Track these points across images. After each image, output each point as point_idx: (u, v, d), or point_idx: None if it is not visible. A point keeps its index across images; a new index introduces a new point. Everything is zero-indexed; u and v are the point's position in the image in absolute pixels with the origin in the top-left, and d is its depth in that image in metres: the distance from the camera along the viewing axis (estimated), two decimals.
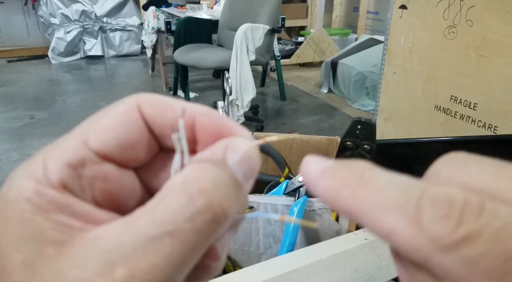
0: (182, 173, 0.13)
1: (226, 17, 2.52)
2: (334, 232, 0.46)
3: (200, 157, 0.14)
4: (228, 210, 0.12)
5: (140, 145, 0.14)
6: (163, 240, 0.11)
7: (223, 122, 0.15)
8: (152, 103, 0.15)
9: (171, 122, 0.14)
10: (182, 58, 2.30)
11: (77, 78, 3.47)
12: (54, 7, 3.80)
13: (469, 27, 1.32)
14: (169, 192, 0.12)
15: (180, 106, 0.15)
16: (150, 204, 0.12)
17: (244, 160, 0.14)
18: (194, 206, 0.12)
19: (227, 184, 0.13)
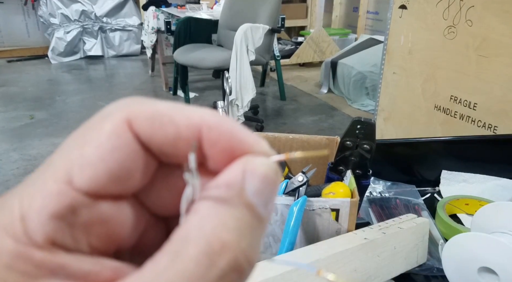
0: (196, 219, 0.10)
1: (226, 17, 2.52)
2: (334, 232, 0.46)
3: (214, 191, 0.11)
4: (255, 258, 0.11)
5: (137, 171, 0.12)
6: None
7: (235, 136, 0.12)
8: (147, 118, 0.12)
9: (173, 140, 0.12)
10: (182, 58, 2.30)
11: (77, 78, 3.47)
12: (54, 7, 3.80)
13: (469, 27, 1.32)
14: (184, 248, 0.10)
15: (182, 118, 0.12)
16: (163, 262, 0.10)
17: (265, 185, 0.11)
18: (217, 268, 0.10)
19: (250, 226, 0.11)
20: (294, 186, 0.46)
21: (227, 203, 0.11)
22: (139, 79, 3.43)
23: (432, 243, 0.56)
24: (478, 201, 0.64)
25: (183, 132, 0.12)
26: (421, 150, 0.74)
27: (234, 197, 0.11)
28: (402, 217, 0.52)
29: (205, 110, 0.12)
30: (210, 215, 0.10)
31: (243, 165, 0.11)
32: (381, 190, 0.70)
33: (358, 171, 0.52)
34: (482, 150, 0.74)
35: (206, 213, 0.11)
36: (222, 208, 0.11)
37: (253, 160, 0.12)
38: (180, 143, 0.12)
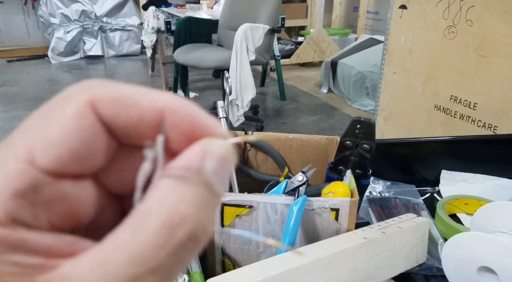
0: (157, 195, 0.11)
1: (226, 17, 2.52)
2: (334, 231, 0.46)
3: (175, 170, 0.12)
4: (209, 229, 0.12)
5: (99, 151, 0.12)
6: (145, 279, 0.10)
7: (196, 120, 0.13)
8: (110, 100, 0.12)
9: (136, 122, 0.12)
10: (182, 58, 2.30)
11: (77, 78, 3.47)
12: (53, 7, 3.80)
13: (469, 27, 1.32)
14: (146, 221, 0.11)
15: (145, 101, 0.12)
16: (125, 235, 0.11)
17: (221, 166, 0.12)
18: (177, 239, 0.11)
19: (207, 201, 0.12)
20: (294, 186, 0.47)
21: (187, 181, 0.11)
22: (139, 79, 3.43)
23: (432, 242, 0.56)
24: (478, 200, 0.64)
25: (146, 115, 0.12)
26: (421, 150, 0.74)
27: (193, 176, 0.12)
28: (401, 217, 0.52)
29: (168, 94, 0.13)
30: (170, 191, 0.11)
31: (203, 146, 0.12)
32: (381, 190, 0.70)
33: (357, 170, 0.52)
34: (482, 150, 0.74)
35: (167, 189, 0.11)
36: (182, 185, 0.11)
37: (211, 142, 0.12)
38: (143, 125, 0.12)
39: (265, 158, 0.63)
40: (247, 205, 0.45)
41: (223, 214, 0.46)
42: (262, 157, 0.63)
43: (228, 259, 0.49)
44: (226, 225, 0.46)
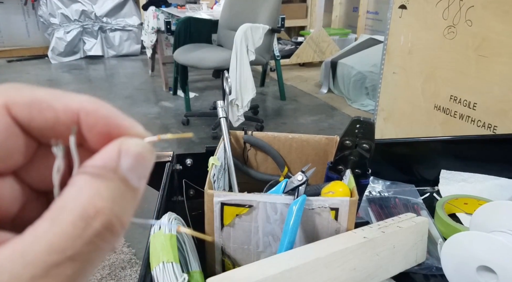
0: (73, 190, 0.12)
1: (226, 17, 2.52)
2: (333, 231, 0.46)
3: (90, 168, 0.12)
4: (126, 220, 0.13)
5: (17, 151, 0.13)
6: (64, 265, 0.11)
7: (112, 121, 0.13)
8: (25, 104, 0.13)
9: (52, 124, 0.13)
10: (182, 58, 2.30)
11: (77, 78, 3.47)
12: (53, 7, 3.80)
13: (468, 27, 1.32)
14: (62, 214, 0.12)
15: (60, 104, 0.13)
16: (43, 227, 0.11)
17: (138, 163, 0.13)
18: (93, 229, 0.12)
19: (123, 195, 0.13)
20: (294, 185, 0.47)
21: (102, 177, 0.12)
22: (139, 79, 3.43)
23: (431, 242, 0.56)
24: (477, 200, 0.64)
25: (62, 117, 0.13)
26: (420, 149, 0.74)
27: (108, 172, 0.12)
28: (401, 216, 0.52)
29: (83, 96, 0.14)
30: (86, 187, 0.12)
31: (119, 145, 0.13)
32: (381, 190, 0.70)
33: (357, 170, 0.52)
34: (481, 150, 0.74)
35: (83, 185, 0.12)
36: (97, 181, 0.12)
37: (128, 141, 0.13)
38: (59, 127, 0.13)
39: (264, 158, 0.63)
40: (246, 205, 0.45)
41: (223, 213, 0.46)
42: (262, 157, 0.63)
43: (228, 259, 0.49)
44: (226, 224, 0.47)
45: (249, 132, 0.62)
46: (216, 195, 0.45)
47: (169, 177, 0.55)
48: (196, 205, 0.62)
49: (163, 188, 0.51)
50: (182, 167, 0.63)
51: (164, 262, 0.37)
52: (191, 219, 0.52)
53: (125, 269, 1.29)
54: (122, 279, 1.26)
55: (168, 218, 0.43)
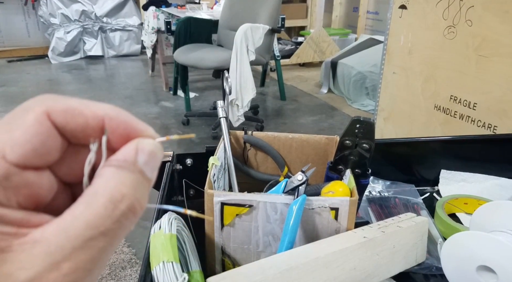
0: (102, 179, 0.15)
1: (226, 17, 2.52)
2: (333, 231, 0.46)
3: (115, 162, 0.16)
4: (144, 204, 0.16)
5: (54, 149, 0.16)
6: (97, 239, 0.14)
7: (130, 125, 0.17)
8: (62, 111, 0.16)
9: (82, 127, 0.16)
10: (182, 58, 2.30)
11: (77, 78, 3.48)
12: (54, 7, 3.80)
13: (468, 27, 1.32)
14: (95, 198, 0.15)
15: (89, 111, 0.16)
16: (79, 209, 0.14)
17: (151, 158, 0.16)
18: (120, 210, 0.15)
19: (141, 184, 0.16)
20: (294, 185, 0.47)
21: (125, 169, 0.15)
22: (139, 79, 3.43)
23: (431, 242, 0.56)
24: (477, 200, 0.64)
25: (90, 122, 0.16)
26: (420, 149, 0.74)
27: (129, 166, 0.16)
28: (401, 216, 0.52)
29: (107, 105, 0.17)
30: (113, 177, 0.15)
31: (136, 144, 0.16)
32: (381, 189, 0.70)
33: (357, 170, 0.52)
34: (481, 150, 0.74)
35: (110, 175, 0.15)
36: (121, 172, 0.15)
37: (143, 141, 0.17)
38: (88, 129, 0.16)
39: (264, 158, 0.63)
40: (247, 205, 0.45)
41: (223, 213, 0.46)
42: (262, 157, 0.63)
43: (228, 258, 0.49)
44: (226, 224, 0.47)
45: (249, 132, 0.62)
46: (216, 195, 0.45)
47: (169, 177, 0.55)
48: (196, 205, 0.62)
49: (163, 188, 0.51)
50: (182, 167, 0.63)
51: (164, 262, 0.37)
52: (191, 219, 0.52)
53: (125, 269, 1.29)
54: (122, 279, 1.26)
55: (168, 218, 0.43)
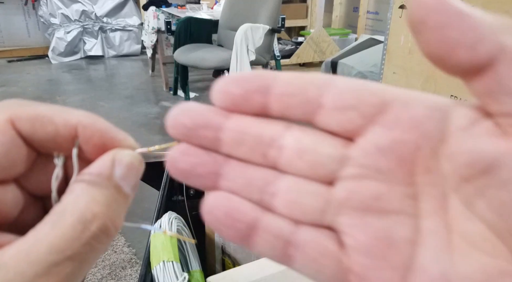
0: (72, 196, 0.13)
1: (226, 17, 2.52)
2: None
3: (88, 176, 0.14)
4: (119, 224, 0.14)
5: (19, 160, 0.14)
6: (63, 264, 0.12)
7: (107, 134, 0.15)
8: (29, 118, 0.14)
9: (52, 136, 0.14)
10: (182, 58, 2.30)
11: (77, 78, 3.48)
12: (54, 7, 3.80)
13: None
14: (62, 218, 0.13)
15: (60, 119, 0.14)
16: (44, 229, 0.13)
17: (129, 171, 0.15)
18: (90, 231, 0.13)
19: (116, 201, 0.14)
20: None
21: (98, 185, 0.14)
22: (140, 79, 3.43)
23: None
24: None
25: (61, 131, 0.14)
26: None
27: (103, 180, 0.14)
28: None
29: (81, 112, 0.15)
30: (83, 194, 0.13)
31: (113, 155, 0.15)
32: None
33: None
34: None
35: (80, 192, 0.13)
36: (93, 188, 0.14)
37: (120, 152, 0.15)
38: (59, 139, 0.15)
39: None
40: None
41: None
42: None
43: (228, 258, 0.49)
44: None
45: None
46: None
47: (169, 177, 0.55)
48: (196, 205, 0.62)
49: (163, 188, 0.51)
50: None
51: (165, 261, 0.37)
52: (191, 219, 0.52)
53: (126, 269, 1.29)
54: (123, 278, 1.26)
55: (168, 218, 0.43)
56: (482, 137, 0.12)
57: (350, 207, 0.13)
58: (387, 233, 0.13)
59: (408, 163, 0.13)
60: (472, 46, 0.11)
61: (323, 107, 0.14)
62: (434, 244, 0.12)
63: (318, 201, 0.14)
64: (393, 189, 0.13)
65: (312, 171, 0.14)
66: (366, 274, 0.13)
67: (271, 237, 0.14)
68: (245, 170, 0.15)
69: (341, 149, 0.14)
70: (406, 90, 0.14)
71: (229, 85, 0.14)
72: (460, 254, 0.12)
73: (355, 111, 0.13)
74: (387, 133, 0.13)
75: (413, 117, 0.13)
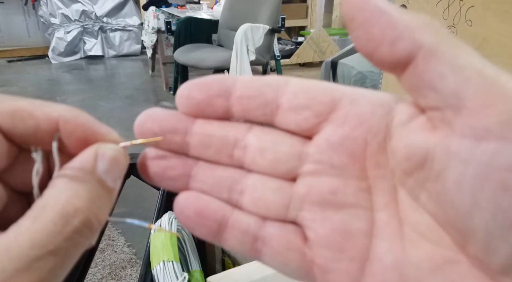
0: (53, 191, 0.13)
1: (226, 17, 2.52)
2: None
3: (70, 170, 0.14)
4: (103, 218, 0.14)
5: (0, 156, 0.14)
6: (45, 259, 0.12)
7: (89, 128, 0.15)
8: (8, 113, 0.14)
9: (33, 131, 0.14)
10: (182, 58, 2.30)
11: (77, 78, 3.48)
12: (54, 7, 3.80)
13: (468, 27, 1.32)
14: (43, 212, 0.13)
15: (41, 113, 0.14)
16: (25, 224, 0.12)
17: (113, 165, 0.14)
18: (72, 226, 0.13)
19: (100, 195, 0.14)
20: None
21: (80, 179, 0.13)
22: (140, 79, 3.43)
23: None
24: None
25: (42, 125, 0.14)
26: None
27: (86, 174, 0.14)
28: None
29: (63, 106, 0.15)
30: (65, 188, 0.13)
31: (95, 149, 0.14)
32: None
33: None
34: None
35: (62, 186, 0.13)
36: (75, 183, 0.13)
37: (103, 146, 0.15)
38: (40, 134, 0.14)
39: None
40: None
41: None
42: None
43: (228, 258, 0.49)
44: None
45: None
46: None
47: None
48: None
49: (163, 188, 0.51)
50: None
51: (165, 261, 0.37)
52: None
53: (126, 269, 1.29)
54: (123, 278, 1.26)
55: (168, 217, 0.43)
56: (416, 131, 0.12)
57: (310, 202, 0.14)
58: (344, 226, 0.13)
59: (359, 158, 0.14)
60: (392, 43, 0.12)
61: (280, 108, 0.14)
62: (387, 235, 0.13)
63: (282, 197, 0.14)
64: (348, 183, 0.14)
65: (274, 169, 0.14)
66: (327, 266, 0.14)
67: (239, 233, 0.15)
68: (214, 170, 0.15)
69: (300, 147, 0.14)
70: (354, 88, 0.15)
71: (191, 91, 0.15)
72: (411, 244, 0.13)
73: (309, 110, 0.14)
74: (337, 130, 0.14)
75: (359, 114, 0.14)
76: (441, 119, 0.12)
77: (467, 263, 0.11)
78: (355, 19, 0.12)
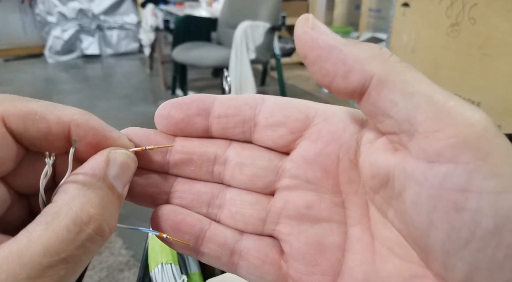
0: (66, 197, 0.13)
1: (225, 15, 2.51)
2: None
3: (82, 176, 0.14)
4: (114, 225, 0.14)
5: (8, 158, 0.14)
6: (57, 267, 0.12)
7: (101, 132, 0.15)
8: (20, 116, 0.14)
9: (44, 134, 0.14)
10: (181, 57, 2.28)
11: (74, 77, 3.45)
12: (50, 5, 3.78)
13: (472, 26, 1.31)
14: (56, 219, 0.12)
15: (53, 116, 0.14)
16: (37, 230, 0.12)
17: (123, 171, 0.15)
18: (85, 233, 0.13)
19: (112, 202, 0.14)
20: None
21: (93, 186, 0.13)
22: (137, 77, 3.42)
23: None
24: None
25: (54, 129, 0.14)
26: None
27: (98, 181, 0.14)
28: None
29: (74, 109, 0.15)
30: (78, 195, 0.13)
31: (107, 154, 0.14)
32: None
33: None
34: None
35: (75, 193, 0.13)
36: (88, 189, 0.13)
37: (114, 151, 0.15)
38: (51, 137, 0.14)
39: None
40: None
41: None
42: None
43: None
44: None
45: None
46: None
47: None
48: None
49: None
50: None
51: (163, 264, 0.37)
52: None
53: (123, 271, 1.28)
54: (120, 281, 1.24)
55: None
56: (380, 151, 0.13)
57: (287, 216, 0.15)
58: (319, 239, 0.14)
59: (333, 173, 0.14)
60: (344, 76, 0.13)
61: (257, 126, 0.15)
62: (360, 250, 0.14)
63: (259, 211, 0.15)
64: (323, 198, 0.14)
65: (252, 183, 0.15)
66: (301, 280, 0.14)
67: (216, 247, 0.15)
68: (193, 186, 0.16)
69: (278, 162, 0.15)
70: (327, 105, 0.16)
71: (171, 110, 0.15)
72: (381, 259, 0.13)
73: (285, 127, 0.15)
74: (312, 146, 0.14)
75: (331, 130, 0.15)
76: (399, 142, 0.12)
77: (433, 278, 0.12)
78: (308, 57, 0.13)
